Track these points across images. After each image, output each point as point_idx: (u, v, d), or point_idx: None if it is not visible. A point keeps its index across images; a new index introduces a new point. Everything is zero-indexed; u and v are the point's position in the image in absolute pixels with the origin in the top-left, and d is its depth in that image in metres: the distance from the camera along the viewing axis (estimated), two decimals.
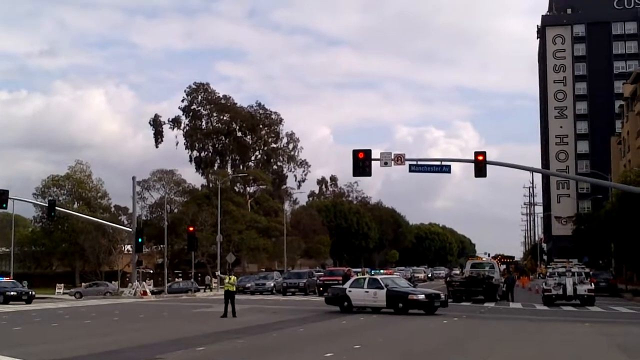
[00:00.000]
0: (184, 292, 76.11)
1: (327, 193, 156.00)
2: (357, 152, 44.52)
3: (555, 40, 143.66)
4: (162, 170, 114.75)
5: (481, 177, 44.80)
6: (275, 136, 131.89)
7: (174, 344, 23.63)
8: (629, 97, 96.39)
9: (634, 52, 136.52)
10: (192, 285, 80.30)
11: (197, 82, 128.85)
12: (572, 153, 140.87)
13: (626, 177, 70.48)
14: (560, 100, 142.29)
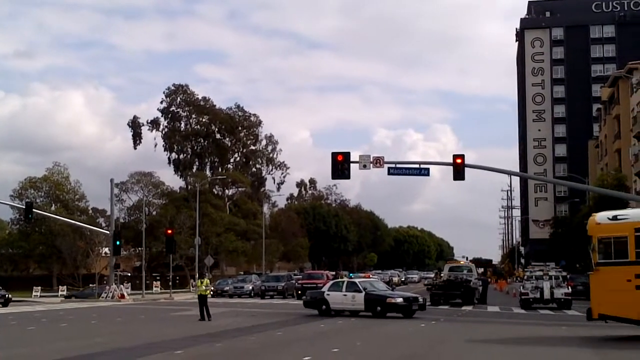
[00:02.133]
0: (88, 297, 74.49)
1: (306, 196, 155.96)
2: (336, 154, 44.49)
3: (534, 44, 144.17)
4: (141, 173, 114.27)
5: (460, 180, 44.87)
6: (254, 138, 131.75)
7: (151, 347, 23.52)
8: (606, 100, 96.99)
9: (611, 56, 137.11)
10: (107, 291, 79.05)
11: (176, 84, 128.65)
12: (550, 156, 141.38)
13: (603, 180, 71.00)
14: (539, 103, 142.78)
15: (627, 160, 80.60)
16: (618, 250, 24.23)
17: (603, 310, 24.57)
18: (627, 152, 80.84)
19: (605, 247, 24.68)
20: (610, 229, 24.48)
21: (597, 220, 25.20)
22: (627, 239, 23.89)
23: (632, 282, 23.55)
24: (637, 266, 23.62)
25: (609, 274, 24.29)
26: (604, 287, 24.45)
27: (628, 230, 23.94)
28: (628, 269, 23.73)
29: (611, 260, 24.40)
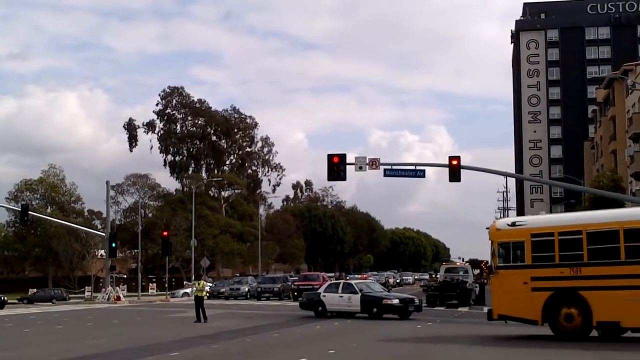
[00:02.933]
0: (48, 301, 74.34)
1: (302, 197, 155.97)
2: (332, 156, 44.49)
3: (529, 45, 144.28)
4: (136, 175, 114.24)
5: (455, 182, 44.93)
6: (250, 140, 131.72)
7: (147, 349, 23.49)
8: (601, 102, 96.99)
9: (607, 57, 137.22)
10: (60, 294, 79.05)
11: (172, 86, 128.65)
12: (545, 158, 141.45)
13: (599, 181, 70.97)
14: (534, 105, 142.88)
15: (623, 161, 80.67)
16: (516, 255, 25.69)
17: (502, 311, 25.92)
18: (623, 153, 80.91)
19: (505, 252, 26.02)
20: (509, 235, 25.88)
21: (497, 227, 26.60)
22: (525, 244, 25.29)
23: (529, 285, 24.96)
24: (533, 269, 24.98)
25: (507, 276, 25.71)
26: (503, 289, 25.90)
27: (525, 236, 25.30)
28: (525, 272, 25.11)
29: (510, 264, 25.82)
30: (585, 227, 24.32)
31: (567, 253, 24.52)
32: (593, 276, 23.90)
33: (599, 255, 23.97)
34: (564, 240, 24.63)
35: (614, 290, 23.36)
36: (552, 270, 24.67)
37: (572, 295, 24.29)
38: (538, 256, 25.11)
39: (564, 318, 24.48)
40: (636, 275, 23.08)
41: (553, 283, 24.62)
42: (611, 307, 23.42)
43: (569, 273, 24.32)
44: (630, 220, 23.84)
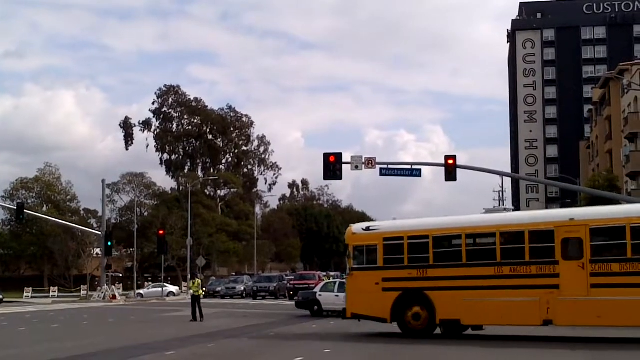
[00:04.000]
0: None
1: (298, 197, 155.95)
2: (328, 155, 44.47)
3: (525, 45, 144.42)
4: (132, 173, 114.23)
5: (451, 181, 44.93)
6: (246, 139, 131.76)
7: (142, 348, 23.46)
8: (597, 101, 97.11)
9: (602, 57, 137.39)
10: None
11: (168, 85, 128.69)
12: (541, 157, 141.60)
13: (595, 181, 71.09)
14: (530, 104, 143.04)
15: (619, 161, 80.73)
16: (369, 257, 27.17)
17: (355, 310, 27.37)
18: (619, 153, 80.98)
19: (360, 254, 27.55)
20: (364, 239, 27.43)
21: (353, 231, 28.03)
22: (377, 247, 26.87)
23: (380, 285, 26.47)
24: (384, 271, 26.55)
25: (361, 277, 27.19)
26: (357, 289, 27.34)
27: (378, 240, 26.91)
28: (377, 274, 26.66)
29: (364, 266, 27.31)
30: (431, 232, 26.05)
31: (415, 256, 26.15)
32: (437, 277, 25.58)
33: (443, 258, 25.72)
34: (412, 244, 26.34)
35: (456, 290, 25.07)
36: (401, 271, 26.25)
37: (418, 295, 25.84)
38: (389, 258, 26.71)
39: (412, 317, 25.95)
40: (476, 276, 24.89)
41: (402, 284, 26.19)
42: (453, 306, 25.15)
43: (416, 274, 25.95)
44: (471, 226, 25.78)
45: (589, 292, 23.19)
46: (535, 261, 24.15)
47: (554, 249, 23.92)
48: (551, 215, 26.83)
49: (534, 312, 23.94)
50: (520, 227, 24.80)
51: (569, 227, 23.95)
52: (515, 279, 24.31)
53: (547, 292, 23.72)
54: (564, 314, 23.62)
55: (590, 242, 23.49)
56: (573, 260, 23.56)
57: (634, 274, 22.65)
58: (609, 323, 23.53)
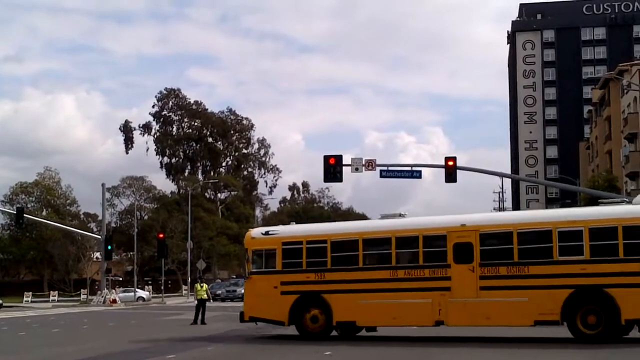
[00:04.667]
0: None
1: (299, 199, 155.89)
2: (328, 157, 44.47)
3: (525, 46, 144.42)
4: (132, 177, 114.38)
5: (451, 183, 45.00)
6: (246, 142, 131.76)
7: (143, 352, 23.41)
8: (597, 102, 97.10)
9: (602, 58, 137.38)
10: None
11: (168, 88, 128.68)
12: (541, 158, 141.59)
13: (594, 182, 71.13)
14: (530, 105, 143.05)
15: (618, 161, 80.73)
16: (268, 261, 27.68)
17: (253, 313, 27.71)
18: (618, 153, 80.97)
19: (258, 259, 28.04)
20: (263, 243, 27.89)
21: (252, 235, 28.53)
22: (276, 251, 27.38)
23: (278, 289, 27.02)
24: (283, 275, 27.12)
25: (260, 281, 27.63)
26: (255, 293, 27.73)
27: (277, 244, 27.43)
28: (275, 277, 27.23)
29: (262, 270, 27.79)
30: (329, 237, 26.84)
31: (313, 260, 26.80)
32: (335, 281, 26.34)
33: (341, 262, 26.51)
34: (311, 249, 26.95)
35: (352, 293, 25.91)
36: (300, 275, 26.91)
37: (316, 298, 26.51)
38: (288, 262, 27.25)
39: (310, 319, 26.58)
40: (371, 279, 25.80)
41: (300, 287, 26.79)
42: (349, 309, 25.94)
43: (314, 278, 26.65)
44: (368, 231, 26.94)
45: (479, 294, 24.46)
46: (429, 265, 25.23)
47: (446, 253, 25.03)
48: (444, 221, 27.35)
49: (427, 313, 25.02)
50: (415, 232, 25.85)
51: (460, 233, 25.15)
52: (409, 282, 25.35)
53: (439, 294, 24.82)
54: (455, 315, 24.76)
55: (480, 246, 24.66)
56: (464, 264, 24.69)
57: (520, 276, 24.00)
58: (498, 323, 24.67)
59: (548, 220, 24.85)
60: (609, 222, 23.60)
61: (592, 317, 23.30)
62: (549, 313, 23.62)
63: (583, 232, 23.68)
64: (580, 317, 23.42)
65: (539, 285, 23.76)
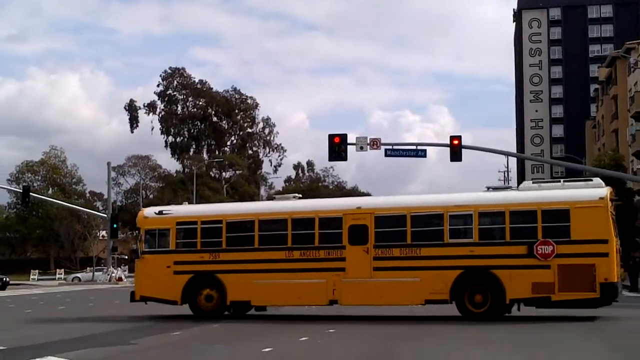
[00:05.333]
0: None
1: (303, 178, 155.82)
2: (333, 136, 44.37)
3: (531, 24, 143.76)
4: (137, 156, 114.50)
5: (457, 162, 44.93)
6: (251, 121, 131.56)
7: (149, 329, 23.56)
8: (604, 80, 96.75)
9: (609, 36, 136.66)
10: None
11: (173, 67, 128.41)
12: (547, 137, 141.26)
13: (600, 160, 71.03)
14: (536, 84, 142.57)
15: (625, 140, 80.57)
16: (161, 241, 27.76)
17: (145, 293, 27.75)
18: (625, 132, 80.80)
19: (151, 238, 28.08)
20: (156, 222, 27.92)
21: (145, 215, 28.64)
22: (170, 231, 27.52)
23: (171, 268, 27.15)
24: (176, 254, 27.31)
25: (152, 261, 27.64)
26: (147, 272, 27.71)
27: (171, 224, 27.58)
28: (169, 257, 27.33)
29: (155, 249, 27.85)
30: (225, 218, 27.22)
31: (208, 240, 27.20)
32: (229, 261, 26.66)
33: (236, 242, 26.92)
34: (206, 229, 27.34)
35: (247, 273, 26.31)
36: (194, 255, 27.17)
37: (210, 278, 26.78)
38: (182, 242, 27.69)
39: (205, 298, 26.82)
40: (267, 260, 26.25)
41: (194, 267, 27.00)
42: (244, 288, 26.35)
43: (209, 258, 26.89)
44: (264, 212, 27.74)
45: (372, 274, 25.27)
46: (324, 246, 25.92)
47: (341, 234, 25.74)
48: (340, 203, 28.61)
49: (321, 293, 25.68)
50: (312, 214, 26.57)
51: (356, 215, 25.89)
52: (304, 263, 25.94)
53: (334, 274, 25.49)
54: (349, 294, 25.51)
55: (375, 229, 25.48)
56: (359, 245, 25.43)
57: (413, 258, 25.01)
58: (390, 302, 25.75)
59: (440, 205, 25.78)
60: (498, 207, 24.96)
61: (479, 296, 24.53)
62: (439, 293, 24.62)
63: (473, 216, 24.89)
64: (468, 297, 24.59)
65: (430, 266, 24.75)
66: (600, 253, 23.75)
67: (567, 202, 24.40)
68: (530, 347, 18.11)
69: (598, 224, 23.97)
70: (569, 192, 25.04)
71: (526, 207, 24.66)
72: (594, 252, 23.73)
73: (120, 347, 19.28)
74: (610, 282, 23.69)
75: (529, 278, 23.89)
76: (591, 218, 23.98)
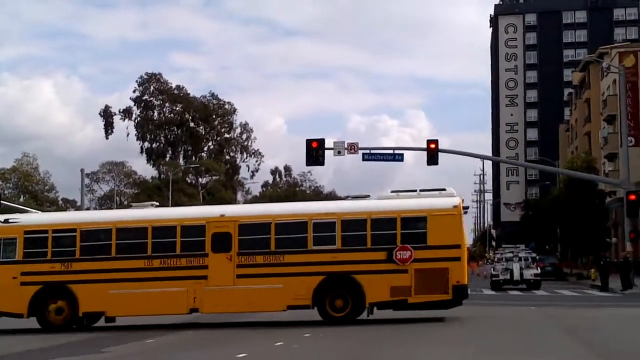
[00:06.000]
0: None
1: (281, 183, 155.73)
2: (311, 141, 44.63)
3: (508, 29, 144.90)
4: (112, 162, 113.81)
5: (433, 165, 45.30)
6: (228, 126, 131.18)
7: (123, 336, 23.47)
8: (577, 85, 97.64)
9: (583, 41, 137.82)
10: None
11: (149, 73, 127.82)
12: (521, 140, 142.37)
13: (573, 163, 71.69)
14: (511, 88, 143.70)
15: (597, 143, 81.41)
16: (7, 251, 26.43)
17: None
18: (597, 135, 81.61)
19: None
20: (2, 231, 26.65)
21: None
22: (17, 240, 26.36)
23: (18, 279, 25.98)
24: (24, 265, 26.16)
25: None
26: None
27: (18, 233, 26.46)
28: (15, 268, 26.13)
29: (1, 260, 26.37)
30: (79, 226, 26.45)
31: (60, 249, 26.28)
32: (83, 270, 25.85)
33: (91, 251, 26.16)
34: (57, 238, 26.47)
35: (102, 283, 25.60)
36: (44, 265, 26.13)
37: (61, 288, 25.84)
38: (30, 252, 26.40)
39: (54, 311, 25.83)
40: (124, 269, 25.70)
41: (43, 277, 25.96)
42: (98, 299, 25.57)
43: (60, 268, 25.99)
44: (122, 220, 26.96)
45: (235, 282, 25.46)
46: (186, 254, 25.78)
47: (204, 242, 25.74)
48: (203, 211, 28.99)
49: (182, 301, 25.48)
50: (174, 222, 26.37)
51: (219, 223, 26.03)
52: (164, 271, 25.67)
53: (195, 282, 25.43)
54: (210, 302, 25.57)
55: (239, 236, 25.68)
56: (222, 252, 25.56)
57: (276, 264, 25.37)
58: (252, 309, 26.39)
59: (304, 213, 26.52)
60: (360, 215, 25.72)
61: (339, 301, 25.22)
62: (302, 298, 25.19)
63: (336, 224, 25.49)
64: (329, 301, 25.21)
65: (294, 272, 25.18)
66: (453, 257, 24.94)
67: (425, 210, 25.55)
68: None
69: (452, 231, 25.15)
70: (426, 201, 26.05)
71: (387, 215, 25.58)
72: (448, 256, 24.89)
73: (91, 357, 19.22)
74: (462, 284, 25.09)
75: (388, 282, 24.83)
76: (446, 225, 25.17)
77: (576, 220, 64.23)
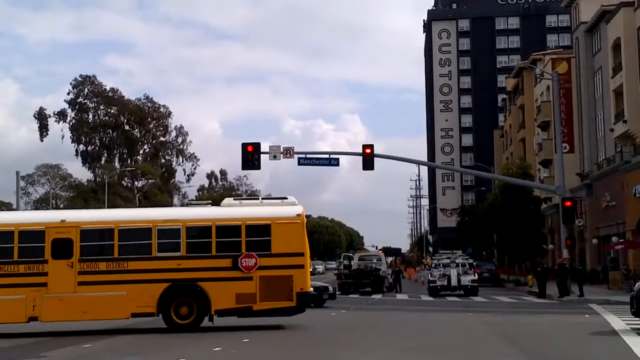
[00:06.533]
0: None
1: (217, 187, 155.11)
2: (246, 145, 44.66)
3: (441, 35, 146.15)
4: (47, 165, 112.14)
5: (369, 170, 45.67)
6: (163, 130, 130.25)
7: (65, 340, 23.25)
8: (511, 91, 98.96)
9: (516, 47, 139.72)
10: None
11: (84, 75, 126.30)
12: (457, 146, 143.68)
13: (508, 169, 72.62)
14: (446, 94, 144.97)
15: (531, 149, 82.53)
16: None
17: None
18: (531, 141, 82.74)
19: None
20: None
21: None
22: None
23: None
24: None
25: None
26: None
27: None
28: None
29: None
30: None
31: None
32: None
33: None
34: None
35: None
36: None
37: None
38: None
39: None
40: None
41: None
42: None
43: None
44: None
45: (77, 289, 25.01)
46: (24, 260, 25.09)
47: (44, 248, 25.13)
48: (43, 216, 28.27)
49: (20, 310, 24.76)
50: (10, 227, 25.58)
51: (60, 228, 25.44)
52: (2, 278, 24.91)
53: (34, 290, 24.80)
54: (50, 310, 24.95)
55: (81, 242, 25.28)
56: (63, 259, 25.09)
57: (120, 272, 25.12)
58: (95, 317, 25.59)
59: (148, 219, 26.26)
60: (205, 222, 25.90)
61: (184, 308, 25.27)
62: (146, 306, 25.06)
63: (181, 231, 25.51)
64: (174, 309, 25.20)
65: (138, 279, 25.08)
66: (297, 265, 25.47)
67: (269, 218, 25.87)
68: None
69: (296, 239, 25.67)
70: (269, 209, 26.41)
71: (232, 223, 25.78)
72: (291, 264, 25.39)
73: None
74: (305, 291, 25.61)
75: (233, 289, 25.10)
76: (289, 233, 25.65)
77: (512, 226, 64.68)
